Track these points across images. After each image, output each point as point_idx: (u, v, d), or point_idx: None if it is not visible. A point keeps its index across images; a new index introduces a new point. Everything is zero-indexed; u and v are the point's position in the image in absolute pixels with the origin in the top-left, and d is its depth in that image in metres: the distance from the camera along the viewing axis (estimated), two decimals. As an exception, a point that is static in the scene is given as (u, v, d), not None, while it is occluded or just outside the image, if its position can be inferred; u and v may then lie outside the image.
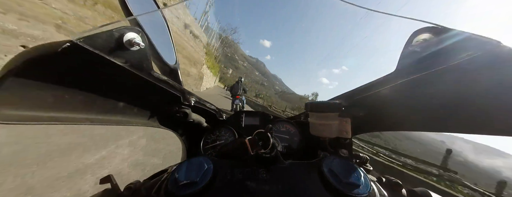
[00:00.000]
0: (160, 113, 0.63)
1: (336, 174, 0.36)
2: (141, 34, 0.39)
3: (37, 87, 0.35)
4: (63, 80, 0.37)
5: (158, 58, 0.70)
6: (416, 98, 0.47)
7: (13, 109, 0.34)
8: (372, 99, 0.53)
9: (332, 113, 0.54)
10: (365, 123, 0.61)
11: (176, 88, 0.58)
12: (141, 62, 0.42)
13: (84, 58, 0.34)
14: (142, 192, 0.38)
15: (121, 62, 0.38)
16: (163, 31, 0.80)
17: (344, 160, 0.41)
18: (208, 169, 0.38)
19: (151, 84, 0.48)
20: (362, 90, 0.54)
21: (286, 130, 0.81)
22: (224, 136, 0.79)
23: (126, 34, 0.36)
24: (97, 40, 0.33)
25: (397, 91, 0.47)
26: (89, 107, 0.46)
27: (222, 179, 0.38)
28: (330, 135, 0.56)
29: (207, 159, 0.40)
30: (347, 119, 0.54)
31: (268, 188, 0.36)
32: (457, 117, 0.43)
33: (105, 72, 0.40)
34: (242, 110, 8.40)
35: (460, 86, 0.39)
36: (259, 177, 0.39)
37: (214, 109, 0.79)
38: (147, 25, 0.57)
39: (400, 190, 0.40)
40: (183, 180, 0.34)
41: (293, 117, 0.86)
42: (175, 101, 0.61)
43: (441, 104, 0.43)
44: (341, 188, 0.34)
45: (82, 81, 0.40)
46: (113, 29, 0.35)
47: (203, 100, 0.73)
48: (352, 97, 0.57)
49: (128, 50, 0.38)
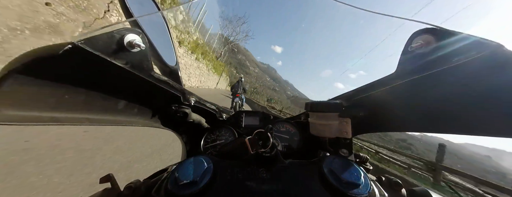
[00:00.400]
0: (160, 113, 0.64)
1: (336, 174, 0.37)
2: (141, 35, 0.39)
3: (38, 88, 0.35)
4: (64, 81, 0.37)
5: (158, 58, 0.70)
6: (416, 99, 0.47)
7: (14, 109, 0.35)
8: (373, 99, 0.53)
9: (332, 112, 0.55)
10: (365, 123, 0.61)
11: (176, 88, 0.58)
12: (141, 63, 0.42)
13: (85, 60, 0.34)
14: (142, 192, 0.38)
15: (122, 63, 0.38)
16: (163, 32, 0.80)
17: (344, 160, 0.41)
18: (208, 168, 0.38)
19: (152, 85, 0.48)
20: (363, 91, 0.54)
21: (286, 130, 0.81)
22: (224, 136, 0.79)
23: (127, 35, 0.37)
24: (98, 42, 0.33)
25: (397, 92, 0.47)
26: (90, 108, 0.46)
27: (222, 179, 0.38)
28: (330, 135, 0.56)
29: (207, 158, 0.41)
30: (347, 119, 0.54)
31: (268, 187, 0.36)
32: (457, 118, 0.43)
33: (106, 73, 0.40)
34: (242, 108, 8.40)
35: (461, 88, 0.39)
36: (259, 176, 0.39)
37: (214, 109, 0.79)
38: (147, 26, 0.57)
39: (400, 190, 0.40)
40: (183, 179, 0.34)
41: (293, 117, 0.86)
42: (175, 101, 0.61)
43: (442, 105, 0.43)
44: (341, 187, 0.34)
45: (83, 82, 0.40)
46: (114, 30, 0.35)
47: (203, 99, 0.73)
48: (352, 97, 0.57)
49: (129, 51, 0.38)
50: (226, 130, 0.81)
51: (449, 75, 0.36)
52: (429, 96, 0.44)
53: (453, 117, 0.43)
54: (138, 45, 0.37)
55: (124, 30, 0.36)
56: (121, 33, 0.36)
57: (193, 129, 0.76)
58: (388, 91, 0.47)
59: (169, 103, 0.61)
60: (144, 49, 0.40)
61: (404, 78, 0.42)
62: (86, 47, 0.32)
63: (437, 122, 0.47)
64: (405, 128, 0.58)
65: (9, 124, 0.36)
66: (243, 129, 0.83)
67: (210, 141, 0.79)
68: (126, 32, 0.36)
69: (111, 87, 0.45)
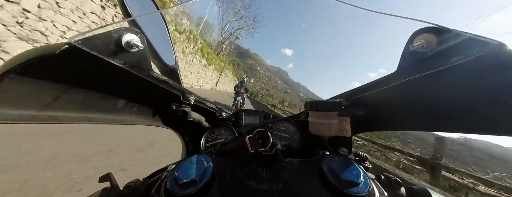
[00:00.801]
0: (160, 112, 0.64)
1: (335, 172, 0.36)
2: (140, 35, 0.39)
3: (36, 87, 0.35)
4: (62, 80, 0.37)
5: (157, 58, 0.70)
6: (416, 98, 0.47)
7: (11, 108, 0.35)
8: (373, 98, 0.53)
9: (332, 111, 0.54)
10: (365, 122, 0.61)
11: (176, 87, 0.58)
12: (140, 63, 0.42)
13: (83, 60, 0.34)
14: (142, 191, 0.38)
15: (120, 63, 0.38)
16: (162, 32, 0.80)
17: (343, 158, 0.41)
18: (208, 168, 0.38)
19: (151, 84, 0.48)
20: (363, 90, 0.54)
21: (285, 129, 0.81)
22: (224, 135, 0.80)
23: (125, 35, 0.36)
24: (96, 41, 0.33)
25: (398, 92, 0.47)
26: (89, 107, 0.46)
27: (222, 178, 0.38)
28: (329, 133, 0.56)
29: (207, 157, 0.41)
30: (346, 117, 0.54)
31: (268, 186, 0.36)
32: (458, 117, 0.43)
33: (104, 73, 0.40)
34: (243, 106, 8.50)
35: (462, 87, 0.39)
36: (259, 175, 0.39)
37: (214, 108, 0.79)
38: (146, 26, 0.57)
39: (399, 188, 0.40)
40: (183, 178, 0.34)
41: (293, 115, 0.86)
42: (175, 100, 0.61)
43: (442, 104, 0.43)
44: (340, 186, 0.34)
45: (82, 82, 0.40)
46: (112, 30, 0.35)
47: (203, 98, 0.73)
48: (352, 96, 0.57)
49: (127, 51, 0.38)
50: (226, 129, 0.81)
51: (450, 75, 0.36)
52: (430, 96, 0.44)
53: (453, 115, 0.43)
54: (136, 45, 0.37)
55: (122, 30, 0.36)
56: (119, 33, 0.36)
57: (193, 127, 0.76)
58: (389, 91, 0.47)
59: (169, 102, 0.61)
60: (143, 49, 0.40)
61: (405, 77, 0.42)
62: (83, 47, 0.31)
63: (437, 120, 0.46)
64: (405, 127, 0.58)
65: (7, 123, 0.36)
66: (243, 127, 0.83)
67: (210, 139, 0.79)
68: (124, 32, 0.36)
69: (110, 87, 0.45)
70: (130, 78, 0.42)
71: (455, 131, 0.44)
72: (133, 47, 0.37)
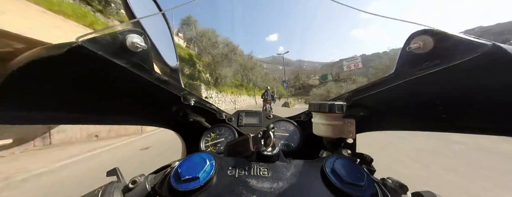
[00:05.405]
0: (161, 112, 0.64)
1: (338, 174, 0.36)
2: (143, 36, 0.40)
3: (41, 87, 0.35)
4: (66, 80, 0.38)
5: (159, 59, 0.70)
6: (415, 99, 0.48)
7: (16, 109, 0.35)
8: (373, 99, 0.53)
9: (337, 113, 0.54)
10: (366, 123, 0.61)
11: (177, 88, 0.58)
12: (143, 64, 0.43)
13: (88, 60, 0.34)
14: (146, 185, 0.39)
15: (123, 63, 0.39)
16: (164, 33, 0.81)
17: (347, 160, 0.41)
18: (210, 165, 0.38)
19: (153, 85, 0.49)
20: (363, 91, 0.54)
21: (287, 129, 0.82)
22: (224, 135, 0.80)
23: (129, 36, 0.37)
24: (101, 42, 0.34)
25: (397, 92, 0.48)
26: (92, 107, 0.47)
27: (224, 176, 0.38)
28: (333, 135, 0.56)
29: (209, 155, 0.41)
30: (351, 119, 0.54)
31: (268, 185, 0.36)
32: (457, 117, 0.44)
33: (108, 73, 0.40)
34: (271, 111, 8.77)
35: (458, 87, 0.39)
36: (260, 174, 0.39)
37: (214, 109, 0.79)
38: (149, 27, 0.58)
39: (404, 192, 0.39)
40: (185, 175, 0.35)
41: (293, 116, 0.87)
42: (175, 101, 0.61)
43: (440, 104, 0.44)
44: (343, 188, 0.33)
45: (85, 82, 0.40)
46: (117, 31, 0.36)
47: (203, 99, 0.74)
48: (353, 97, 0.57)
49: (131, 52, 0.39)
50: (226, 129, 0.81)
51: (447, 75, 0.37)
52: (428, 96, 0.45)
53: (452, 115, 0.44)
54: (140, 45, 0.38)
55: (127, 31, 0.37)
56: (124, 33, 0.36)
57: (193, 128, 0.76)
58: (388, 91, 0.48)
59: (170, 103, 0.62)
60: (146, 49, 0.40)
61: (403, 78, 0.43)
62: (90, 47, 0.32)
63: (437, 120, 0.47)
64: (405, 127, 0.58)
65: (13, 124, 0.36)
66: (243, 128, 0.84)
67: (210, 139, 0.79)
68: (128, 33, 0.37)
69: (113, 87, 0.46)
70: (132, 78, 0.43)
71: (455, 130, 0.45)
72: (137, 47, 0.38)
